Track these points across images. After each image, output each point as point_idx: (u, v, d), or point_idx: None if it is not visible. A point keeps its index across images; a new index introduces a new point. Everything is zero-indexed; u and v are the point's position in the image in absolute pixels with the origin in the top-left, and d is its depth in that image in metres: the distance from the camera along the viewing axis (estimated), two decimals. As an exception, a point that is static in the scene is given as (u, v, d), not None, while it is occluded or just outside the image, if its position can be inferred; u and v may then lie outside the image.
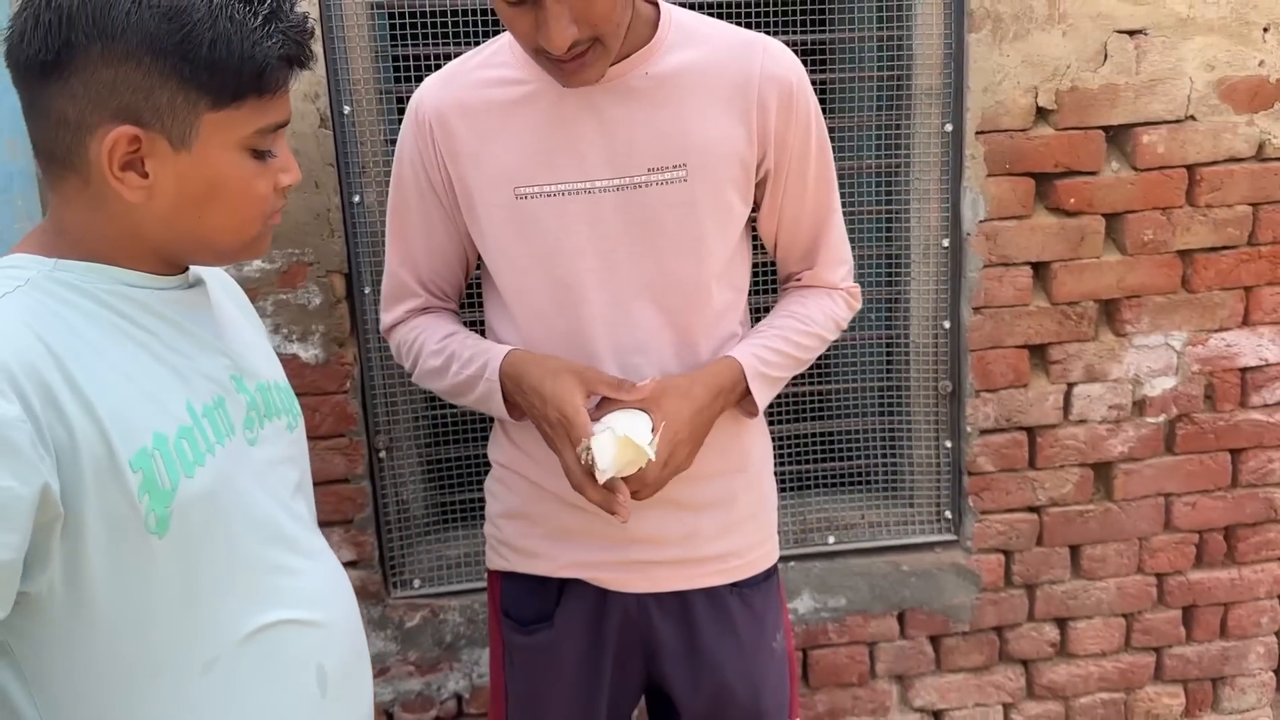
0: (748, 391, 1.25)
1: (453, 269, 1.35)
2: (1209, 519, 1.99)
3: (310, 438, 1.11)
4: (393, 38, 1.74)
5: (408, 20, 1.70)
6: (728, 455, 1.30)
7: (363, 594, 1.83)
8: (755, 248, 1.37)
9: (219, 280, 1.01)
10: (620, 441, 1.11)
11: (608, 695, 1.34)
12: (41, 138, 0.85)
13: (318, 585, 0.97)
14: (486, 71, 1.24)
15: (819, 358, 1.57)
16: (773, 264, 1.41)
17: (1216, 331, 1.89)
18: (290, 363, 1.71)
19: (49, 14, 0.78)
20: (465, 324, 1.39)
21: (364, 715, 1.03)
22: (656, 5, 1.21)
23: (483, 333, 1.37)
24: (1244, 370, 1.92)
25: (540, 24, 1.04)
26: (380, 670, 1.87)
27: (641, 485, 1.15)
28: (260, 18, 0.81)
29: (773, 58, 1.22)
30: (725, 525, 1.30)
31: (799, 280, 1.37)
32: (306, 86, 1.64)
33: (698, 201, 1.22)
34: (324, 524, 1.35)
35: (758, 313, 1.38)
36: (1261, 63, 1.77)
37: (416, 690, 1.92)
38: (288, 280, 1.70)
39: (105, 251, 0.87)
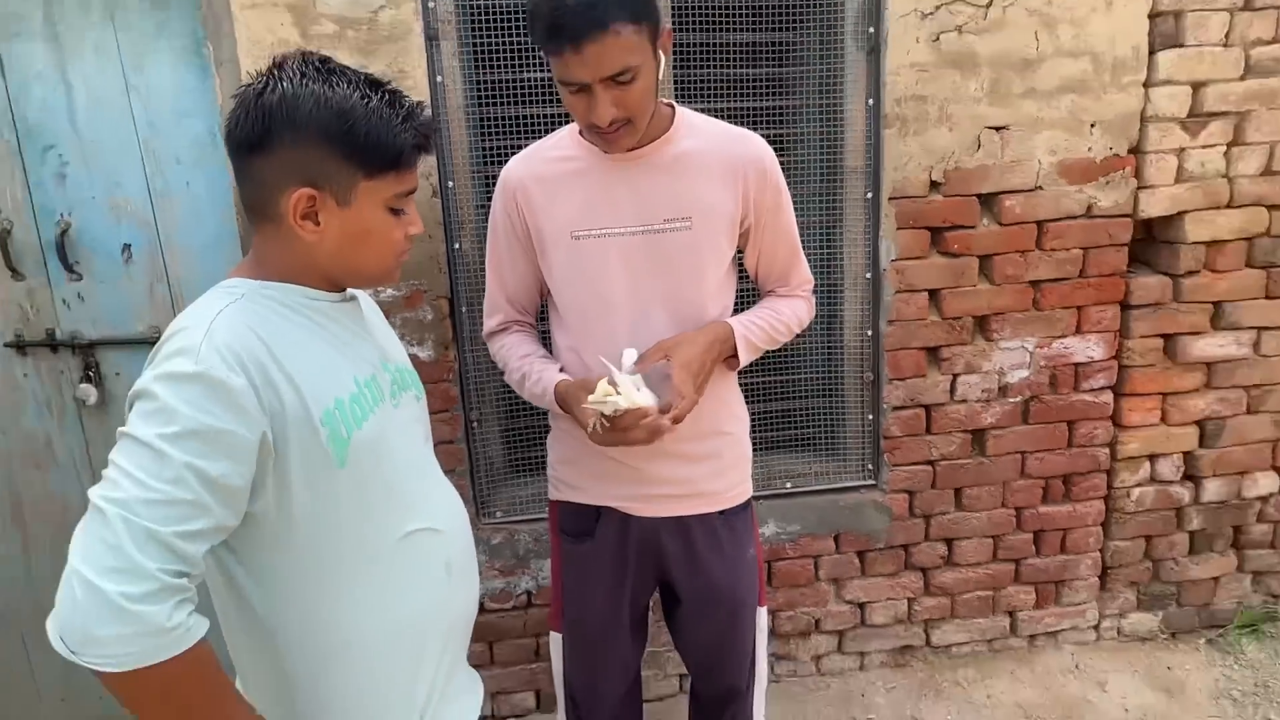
0: (735, 350, 1.33)
1: (530, 291, 1.45)
2: (1052, 469, 2.20)
3: (425, 412, 1.16)
4: (481, 132, 1.92)
5: (491, 122, 1.90)
6: (718, 422, 1.41)
7: (462, 521, 2.00)
8: (740, 275, 1.47)
9: (365, 299, 1.10)
10: (599, 387, 1.20)
11: (630, 588, 1.47)
12: (248, 196, 0.93)
13: (443, 504, 1.05)
14: (553, 152, 1.35)
15: (783, 357, 1.78)
16: (753, 288, 1.53)
17: (1058, 338, 2.11)
18: (411, 360, 1.66)
19: (255, 110, 0.88)
20: (540, 333, 1.49)
21: (474, 592, 1.11)
22: (673, 108, 1.34)
23: (548, 340, 1.46)
24: (1077, 365, 2.14)
25: (592, 106, 1.17)
26: (475, 574, 2.02)
27: (676, 399, 1.23)
28: (400, 117, 0.90)
29: (753, 147, 1.33)
30: (715, 471, 1.42)
31: (774, 293, 1.48)
32: (422, 167, 1.51)
33: (699, 244, 1.31)
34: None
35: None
36: (1090, 149, 2.01)
37: (500, 588, 2.10)
38: (410, 303, 1.89)
39: (293, 275, 0.95)
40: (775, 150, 1.39)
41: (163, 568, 0.77)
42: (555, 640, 1.58)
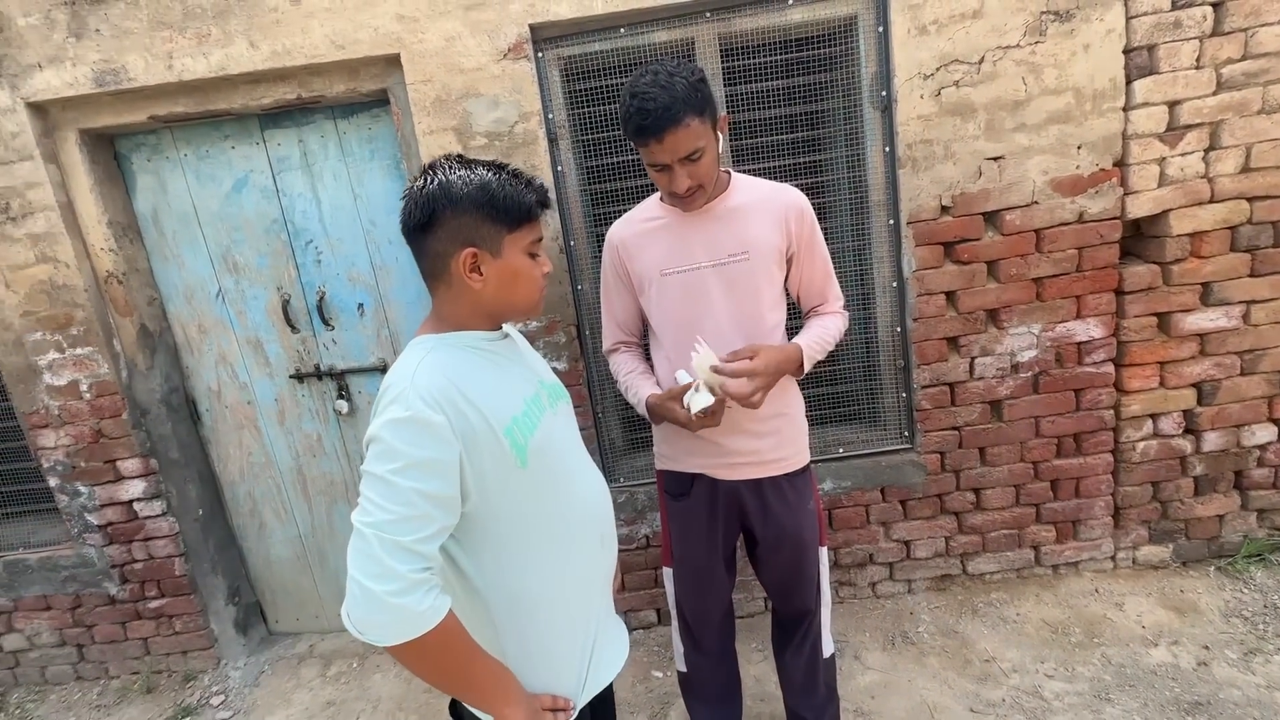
0: (801, 363, 1.34)
1: (633, 319, 1.45)
2: (1063, 429, 2.05)
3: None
4: (591, 204, 1.96)
5: (597, 196, 1.95)
6: (778, 408, 1.37)
7: (596, 486, 2.05)
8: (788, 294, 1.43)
9: (514, 333, 1.07)
10: (692, 396, 1.21)
11: (721, 533, 1.45)
12: (426, 267, 0.92)
13: (596, 487, 1.02)
14: (643, 215, 1.37)
15: (833, 352, 1.74)
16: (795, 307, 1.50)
17: (1060, 322, 1.97)
18: (552, 370, 1.62)
19: (421, 198, 0.88)
20: (643, 347, 1.49)
21: (615, 554, 1.07)
22: (729, 173, 1.35)
23: (648, 350, 1.45)
24: (1079, 343, 1.99)
25: (672, 179, 1.19)
26: (607, 525, 2.08)
27: (752, 375, 1.21)
28: (523, 185, 0.90)
29: (792, 196, 1.33)
30: (777, 444, 1.38)
31: (816, 311, 1.43)
32: (552, 234, 1.89)
33: (755, 272, 1.30)
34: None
35: (791, 329, 1.45)
36: (1078, 166, 1.87)
37: (626, 534, 2.13)
38: (549, 330, 1.95)
39: (465, 322, 0.93)
40: (813, 195, 1.42)
41: (411, 568, 0.79)
42: (667, 573, 1.57)
